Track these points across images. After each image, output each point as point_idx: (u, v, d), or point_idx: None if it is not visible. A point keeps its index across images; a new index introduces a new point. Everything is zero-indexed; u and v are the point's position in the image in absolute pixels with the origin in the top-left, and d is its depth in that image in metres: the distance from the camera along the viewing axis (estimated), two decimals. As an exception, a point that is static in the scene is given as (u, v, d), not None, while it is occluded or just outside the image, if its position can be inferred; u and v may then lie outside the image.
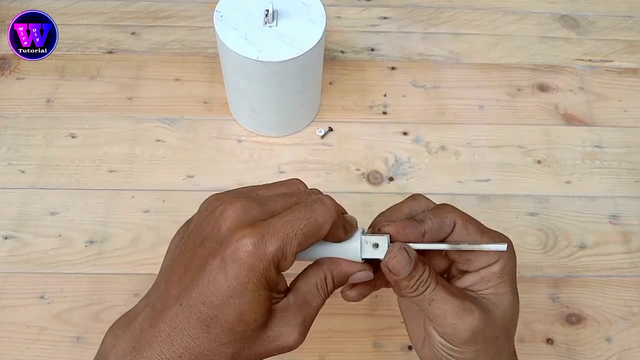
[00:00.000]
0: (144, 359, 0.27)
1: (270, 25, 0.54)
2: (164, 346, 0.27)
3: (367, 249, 0.32)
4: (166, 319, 0.27)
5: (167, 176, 0.60)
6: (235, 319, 0.27)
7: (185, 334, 0.27)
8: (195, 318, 0.27)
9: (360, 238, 0.32)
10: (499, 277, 0.33)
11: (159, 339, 0.27)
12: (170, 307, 0.28)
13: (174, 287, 0.29)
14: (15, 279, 0.54)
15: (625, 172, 0.63)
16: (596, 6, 0.77)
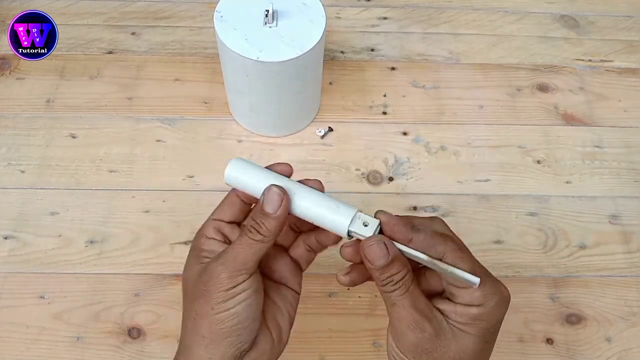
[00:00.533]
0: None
1: (270, 25, 0.54)
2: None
3: (356, 223, 0.34)
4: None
5: (167, 176, 0.60)
6: (183, 284, 0.36)
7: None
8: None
9: (355, 212, 0.34)
10: (473, 319, 0.33)
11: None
12: None
13: None
14: (15, 279, 0.54)
15: (625, 172, 0.63)
16: (596, 6, 0.77)
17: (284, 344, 0.38)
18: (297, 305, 0.39)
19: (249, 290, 0.34)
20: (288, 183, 0.36)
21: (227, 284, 0.33)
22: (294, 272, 0.39)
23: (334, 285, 0.55)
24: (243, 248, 0.34)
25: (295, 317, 0.39)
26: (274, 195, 0.34)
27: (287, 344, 0.38)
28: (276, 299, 0.38)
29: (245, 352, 0.34)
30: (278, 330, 0.37)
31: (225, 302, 0.33)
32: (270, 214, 0.34)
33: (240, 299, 0.33)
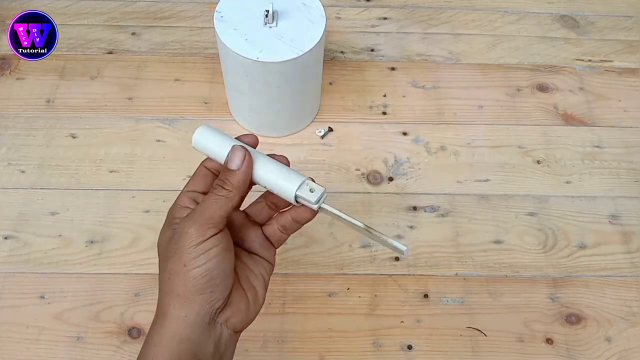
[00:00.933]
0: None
1: (270, 25, 0.54)
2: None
3: (304, 189, 0.36)
4: None
5: (167, 176, 0.60)
6: (158, 251, 0.37)
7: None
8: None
9: (304, 179, 0.37)
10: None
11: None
12: None
13: None
14: (15, 279, 0.54)
15: (625, 172, 0.63)
16: (596, 6, 0.77)
17: (260, 305, 0.38)
18: (270, 273, 0.40)
19: (219, 247, 0.35)
20: (251, 150, 0.38)
21: (196, 239, 0.34)
22: (265, 245, 0.40)
23: (334, 285, 0.55)
24: (209, 203, 0.35)
25: (268, 283, 0.40)
26: (237, 152, 0.36)
27: (263, 304, 0.39)
28: (248, 263, 0.39)
29: (219, 310, 0.35)
30: (253, 291, 0.38)
31: (197, 257, 0.34)
32: (234, 169, 0.36)
33: (211, 255, 0.34)
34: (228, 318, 0.36)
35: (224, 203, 0.35)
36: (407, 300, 0.54)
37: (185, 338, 0.34)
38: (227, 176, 0.36)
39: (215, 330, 0.35)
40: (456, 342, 0.52)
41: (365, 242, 0.57)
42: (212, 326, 0.35)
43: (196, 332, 0.34)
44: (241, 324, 0.37)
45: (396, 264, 0.56)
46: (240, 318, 0.36)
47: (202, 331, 0.35)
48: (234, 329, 0.36)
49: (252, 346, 0.51)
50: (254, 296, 0.38)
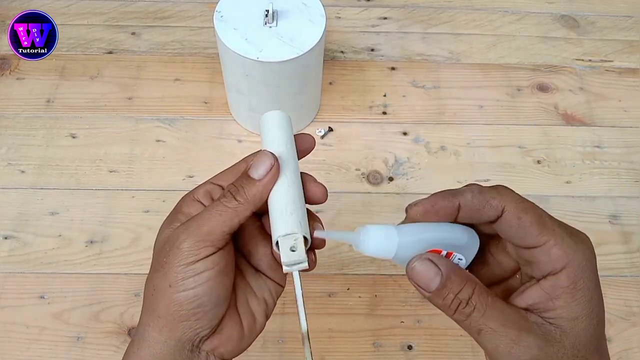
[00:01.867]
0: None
1: (270, 25, 0.54)
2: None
3: (289, 240, 0.30)
4: None
5: (167, 176, 0.60)
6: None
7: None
8: None
9: (299, 233, 0.30)
10: (570, 294, 0.26)
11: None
12: None
13: None
14: (15, 279, 0.54)
15: (625, 172, 0.63)
16: (596, 6, 0.77)
17: (257, 333, 0.33)
18: (278, 295, 0.34)
19: (214, 270, 0.29)
20: (286, 162, 0.32)
21: (188, 257, 0.29)
22: (274, 266, 0.33)
23: (334, 285, 0.55)
24: (211, 215, 0.29)
25: (274, 308, 0.34)
26: (265, 159, 0.30)
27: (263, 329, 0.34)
28: (252, 283, 0.33)
29: (205, 337, 0.30)
30: (250, 318, 0.32)
31: (185, 280, 0.28)
32: (255, 179, 0.30)
33: (202, 279, 0.29)
34: (215, 347, 0.31)
35: (229, 217, 0.29)
36: (407, 300, 0.54)
37: None
38: (244, 184, 0.30)
39: (200, 359, 0.30)
40: (456, 342, 0.52)
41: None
42: (195, 354, 0.30)
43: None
44: (230, 354, 0.31)
45: (396, 264, 0.56)
46: (230, 348, 0.31)
47: (183, 359, 0.30)
48: (221, 358, 0.31)
49: (252, 346, 0.51)
50: (251, 324, 0.32)
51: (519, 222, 0.27)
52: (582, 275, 0.26)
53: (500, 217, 0.28)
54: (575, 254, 0.26)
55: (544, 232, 0.27)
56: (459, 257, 0.29)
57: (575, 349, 0.26)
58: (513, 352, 0.26)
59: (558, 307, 0.26)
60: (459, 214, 0.28)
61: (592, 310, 0.27)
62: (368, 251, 0.29)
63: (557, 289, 0.26)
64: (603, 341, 0.28)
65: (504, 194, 0.28)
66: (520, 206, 0.27)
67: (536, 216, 0.27)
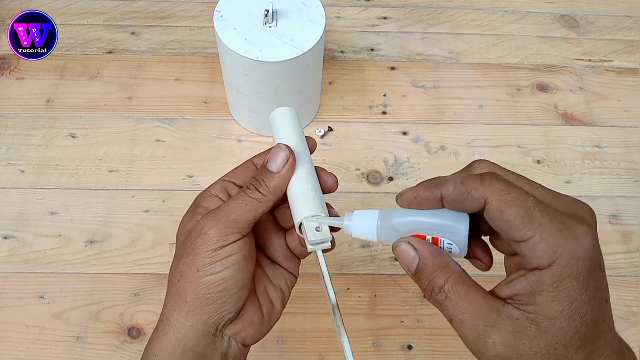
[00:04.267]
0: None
1: (270, 25, 0.54)
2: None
3: (314, 222, 0.32)
4: None
5: (167, 176, 0.60)
6: (176, 243, 0.34)
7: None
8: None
9: (322, 213, 0.32)
10: (552, 292, 0.25)
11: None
12: None
13: None
14: (15, 279, 0.54)
15: (625, 172, 0.63)
16: (596, 6, 0.77)
17: (275, 320, 0.35)
18: (292, 285, 0.36)
19: (240, 254, 0.31)
20: (299, 154, 0.34)
21: (216, 243, 0.30)
22: (289, 256, 0.36)
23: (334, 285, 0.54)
24: (238, 205, 0.31)
25: (289, 297, 0.36)
26: (281, 153, 0.32)
27: (279, 317, 0.36)
28: (269, 273, 0.35)
29: (229, 322, 0.32)
30: (269, 304, 0.34)
31: (213, 264, 0.30)
32: (274, 172, 0.32)
33: (229, 263, 0.31)
34: (238, 332, 0.33)
35: (254, 207, 0.31)
36: (407, 300, 0.54)
37: (189, 350, 0.31)
38: (265, 177, 0.32)
39: (223, 343, 0.32)
40: (456, 342, 0.52)
41: (366, 242, 0.57)
42: (219, 338, 0.32)
43: (201, 344, 0.31)
44: (252, 339, 0.34)
45: (396, 264, 0.56)
46: (251, 333, 0.33)
47: (208, 343, 0.32)
48: (243, 343, 0.33)
49: (252, 346, 0.51)
50: (270, 310, 0.34)
51: (501, 216, 0.26)
52: (569, 275, 0.25)
53: (484, 209, 0.26)
54: (564, 252, 0.25)
55: (529, 226, 0.25)
56: (448, 243, 0.29)
57: (552, 348, 0.26)
58: (479, 346, 0.27)
59: (539, 304, 0.26)
60: (444, 204, 0.28)
61: (576, 311, 0.25)
62: (354, 234, 0.32)
63: (541, 285, 0.25)
64: (595, 340, 0.26)
65: (488, 185, 0.27)
66: (505, 198, 0.26)
67: (522, 210, 0.25)
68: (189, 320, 0.31)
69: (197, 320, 0.31)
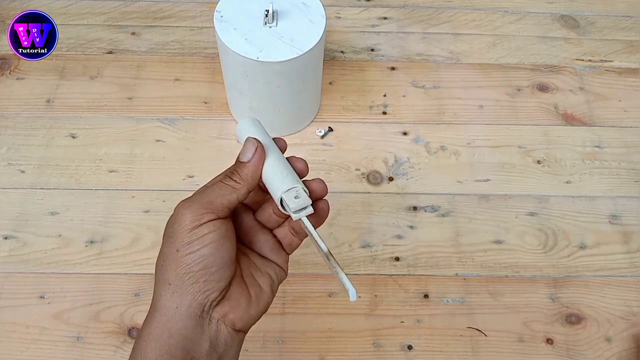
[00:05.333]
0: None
1: (270, 25, 0.54)
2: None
3: (291, 193, 0.35)
4: None
5: (167, 176, 0.60)
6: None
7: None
8: None
9: (296, 185, 0.35)
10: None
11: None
12: None
13: None
14: (15, 279, 0.54)
15: (625, 172, 0.63)
16: (596, 6, 0.77)
17: (265, 304, 0.36)
18: (280, 278, 0.38)
19: (216, 232, 0.32)
20: (268, 146, 0.37)
21: (191, 222, 0.32)
22: (276, 249, 0.38)
23: (334, 285, 0.55)
24: (212, 189, 0.34)
25: (278, 285, 0.37)
26: (249, 144, 0.35)
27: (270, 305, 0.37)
28: (256, 262, 0.37)
29: (215, 303, 0.33)
30: (257, 287, 0.36)
31: (191, 243, 0.32)
32: (244, 161, 0.35)
33: (206, 240, 0.32)
34: (225, 313, 0.33)
35: (228, 192, 0.34)
36: (407, 300, 0.54)
37: (175, 332, 0.32)
38: (237, 168, 0.35)
39: (211, 327, 0.33)
40: (456, 342, 0.52)
41: (365, 242, 0.57)
42: (206, 321, 0.33)
43: (188, 327, 0.32)
44: (241, 321, 0.34)
45: (396, 264, 0.56)
46: (239, 314, 0.34)
47: (195, 325, 0.32)
48: (233, 327, 0.34)
49: (252, 346, 0.51)
50: (258, 293, 0.35)
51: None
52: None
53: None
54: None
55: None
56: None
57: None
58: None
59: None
60: None
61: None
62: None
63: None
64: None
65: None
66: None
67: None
68: (173, 301, 0.32)
69: (181, 302, 0.32)
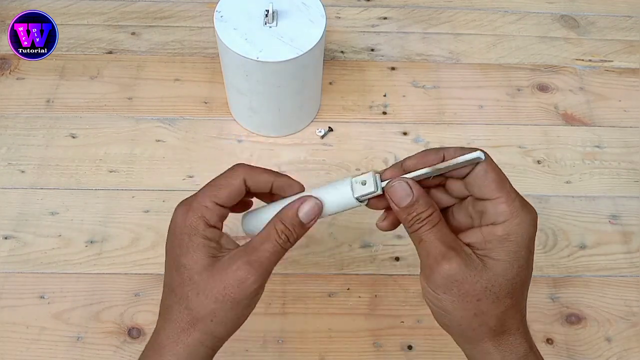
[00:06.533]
0: (147, 345, 0.35)
1: (270, 25, 0.54)
2: (157, 328, 0.35)
3: (357, 188, 0.35)
4: (160, 306, 0.36)
5: (167, 176, 0.60)
6: (175, 263, 0.34)
7: (164, 307, 0.35)
8: (166, 288, 0.36)
9: (350, 180, 0.36)
10: (500, 242, 0.33)
11: (157, 324, 0.36)
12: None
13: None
14: (15, 279, 0.54)
15: (625, 172, 0.63)
16: (596, 6, 0.77)
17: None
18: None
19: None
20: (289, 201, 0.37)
21: (256, 291, 0.34)
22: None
23: (334, 285, 0.55)
24: (272, 254, 0.34)
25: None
26: (314, 207, 0.35)
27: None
28: None
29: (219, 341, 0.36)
30: None
31: (249, 307, 0.34)
32: (305, 224, 0.35)
33: (254, 306, 0.35)
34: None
35: (282, 254, 0.35)
36: (407, 300, 0.54)
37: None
38: (297, 228, 0.35)
39: None
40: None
41: (365, 242, 0.57)
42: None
43: None
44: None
45: (396, 264, 0.56)
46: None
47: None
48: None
49: (252, 346, 0.51)
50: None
51: (484, 176, 0.33)
52: (516, 231, 0.32)
53: (473, 169, 0.34)
54: (517, 214, 0.32)
55: (500, 189, 0.33)
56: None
57: (490, 283, 0.32)
58: (437, 261, 0.33)
59: (487, 248, 0.33)
60: (445, 159, 0.35)
61: (516, 260, 0.33)
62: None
63: (493, 235, 0.33)
64: (522, 290, 0.35)
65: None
66: (491, 164, 0.34)
67: (499, 177, 0.34)
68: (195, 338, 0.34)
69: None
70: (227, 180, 0.36)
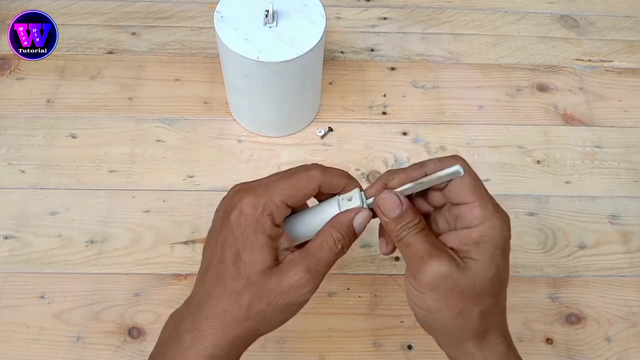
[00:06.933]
0: (181, 330, 0.35)
1: (270, 25, 0.54)
2: (196, 315, 0.34)
3: (344, 205, 0.36)
4: (197, 292, 0.36)
5: (167, 176, 0.60)
6: (234, 256, 0.34)
7: (208, 295, 0.34)
8: (215, 276, 0.34)
9: (337, 199, 0.37)
10: (475, 244, 0.34)
11: (193, 309, 0.35)
12: (198, 284, 0.36)
13: (202, 264, 0.36)
14: (15, 279, 0.54)
15: (625, 172, 0.63)
16: (596, 6, 0.77)
17: None
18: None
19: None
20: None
21: (309, 298, 0.35)
22: None
23: (334, 285, 0.55)
24: (329, 263, 0.35)
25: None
26: (367, 217, 0.36)
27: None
28: None
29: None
30: None
31: (296, 311, 0.35)
32: (357, 235, 0.36)
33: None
34: None
35: (334, 261, 0.36)
36: (407, 300, 0.54)
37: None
38: (352, 239, 0.36)
39: None
40: (456, 342, 0.52)
41: (365, 242, 0.57)
42: None
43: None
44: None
45: (396, 264, 0.56)
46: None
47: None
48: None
49: (252, 346, 0.51)
50: None
51: (461, 180, 0.35)
52: (490, 234, 0.34)
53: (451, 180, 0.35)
54: (490, 218, 0.34)
55: (475, 194, 0.34)
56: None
57: (472, 281, 0.34)
58: (424, 259, 0.34)
59: (465, 250, 0.34)
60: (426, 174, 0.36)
61: (493, 260, 0.34)
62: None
63: (468, 237, 0.34)
64: (501, 290, 0.35)
65: (457, 160, 0.36)
66: (468, 170, 0.35)
67: (475, 182, 0.35)
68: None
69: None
70: (304, 183, 0.36)
